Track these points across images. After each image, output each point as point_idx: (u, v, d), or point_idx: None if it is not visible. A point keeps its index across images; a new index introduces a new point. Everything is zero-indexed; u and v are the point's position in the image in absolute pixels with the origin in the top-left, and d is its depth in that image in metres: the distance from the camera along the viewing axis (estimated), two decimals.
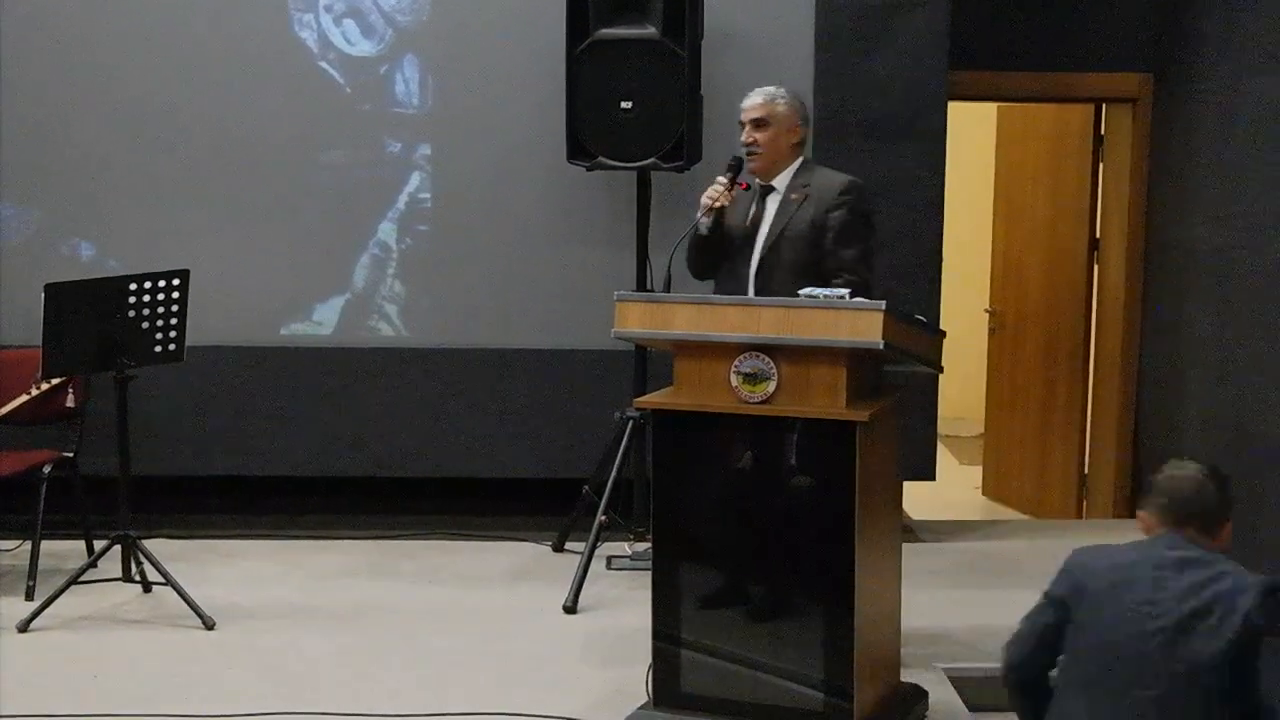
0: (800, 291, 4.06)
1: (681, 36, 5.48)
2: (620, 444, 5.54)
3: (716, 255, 4.64)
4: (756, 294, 4.50)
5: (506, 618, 5.06)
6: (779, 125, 4.61)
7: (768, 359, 3.90)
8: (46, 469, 5.38)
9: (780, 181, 4.62)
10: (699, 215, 4.57)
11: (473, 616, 5.05)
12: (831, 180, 4.61)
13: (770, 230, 4.58)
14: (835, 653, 3.87)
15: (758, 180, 4.64)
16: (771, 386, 3.91)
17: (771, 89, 4.66)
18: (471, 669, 4.64)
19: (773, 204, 4.61)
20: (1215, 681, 3.15)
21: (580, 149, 5.61)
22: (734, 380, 3.93)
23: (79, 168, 6.04)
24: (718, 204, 4.53)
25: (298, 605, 5.23)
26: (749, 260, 4.57)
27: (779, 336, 3.88)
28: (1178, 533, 3.36)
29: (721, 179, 4.56)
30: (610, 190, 5.91)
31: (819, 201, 4.55)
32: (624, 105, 5.51)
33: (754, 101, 4.63)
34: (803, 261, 4.49)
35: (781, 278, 4.47)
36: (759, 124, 4.60)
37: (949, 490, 7.40)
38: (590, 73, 5.53)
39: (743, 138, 4.63)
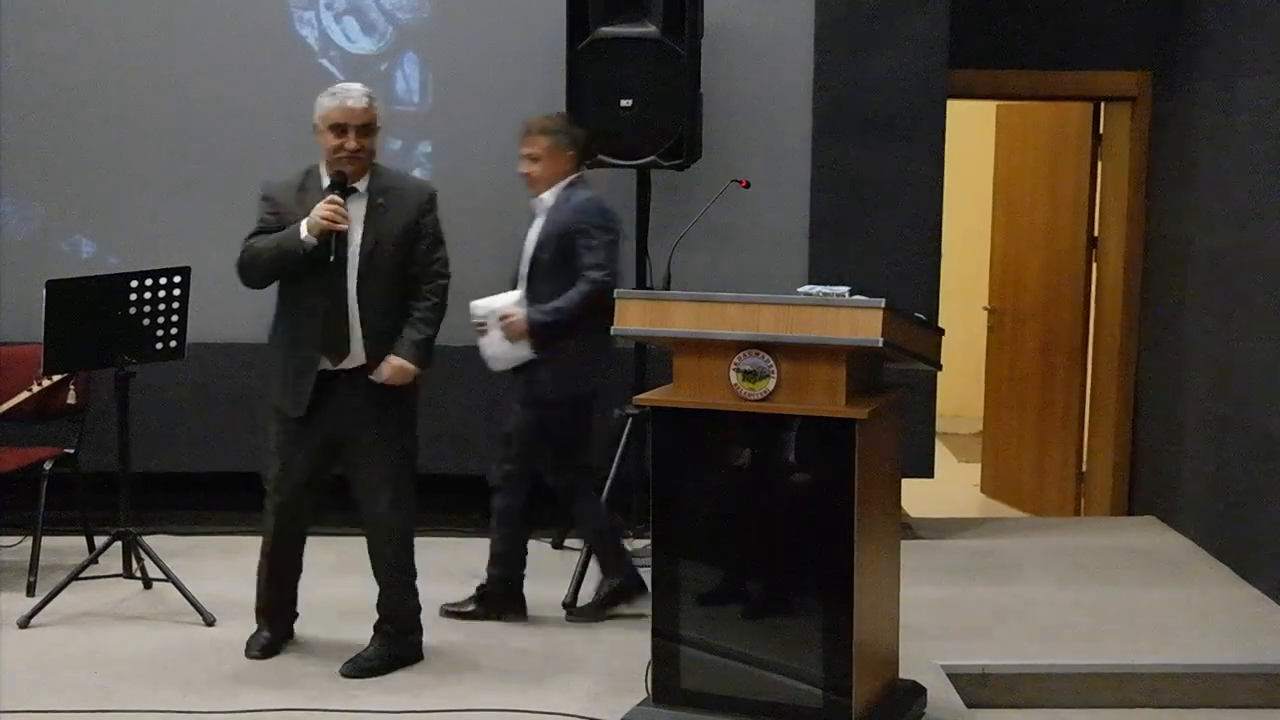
0: (799, 289, 4.07)
1: (681, 35, 5.49)
2: (620, 441, 5.55)
3: (295, 269, 4.46)
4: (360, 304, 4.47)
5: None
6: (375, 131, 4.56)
7: (767, 356, 3.91)
8: (47, 465, 5.39)
9: (361, 185, 4.52)
10: (306, 235, 4.38)
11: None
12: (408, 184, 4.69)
13: (364, 239, 4.49)
14: (834, 649, 3.88)
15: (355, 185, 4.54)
16: (771, 384, 3.91)
17: (368, 90, 4.56)
18: (470, 666, 4.65)
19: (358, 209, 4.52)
20: None
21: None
22: (733, 378, 3.94)
23: (80, 164, 6.05)
24: (341, 227, 4.39)
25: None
26: (345, 270, 4.46)
27: (778, 334, 3.89)
28: None
29: (335, 199, 4.39)
30: (610, 188, 5.90)
31: (402, 209, 4.54)
32: (624, 103, 5.51)
33: (362, 105, 4.49)
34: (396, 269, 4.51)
35: (375, 285, 4.47)
36: (368, 130, 4.48)
37: (947, 488, 7.41)
38: (590, 71, 5.54)
39: (348, 144, 4.45)
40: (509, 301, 4.89)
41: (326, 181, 4.50)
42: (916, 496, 6.08)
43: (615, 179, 5.82)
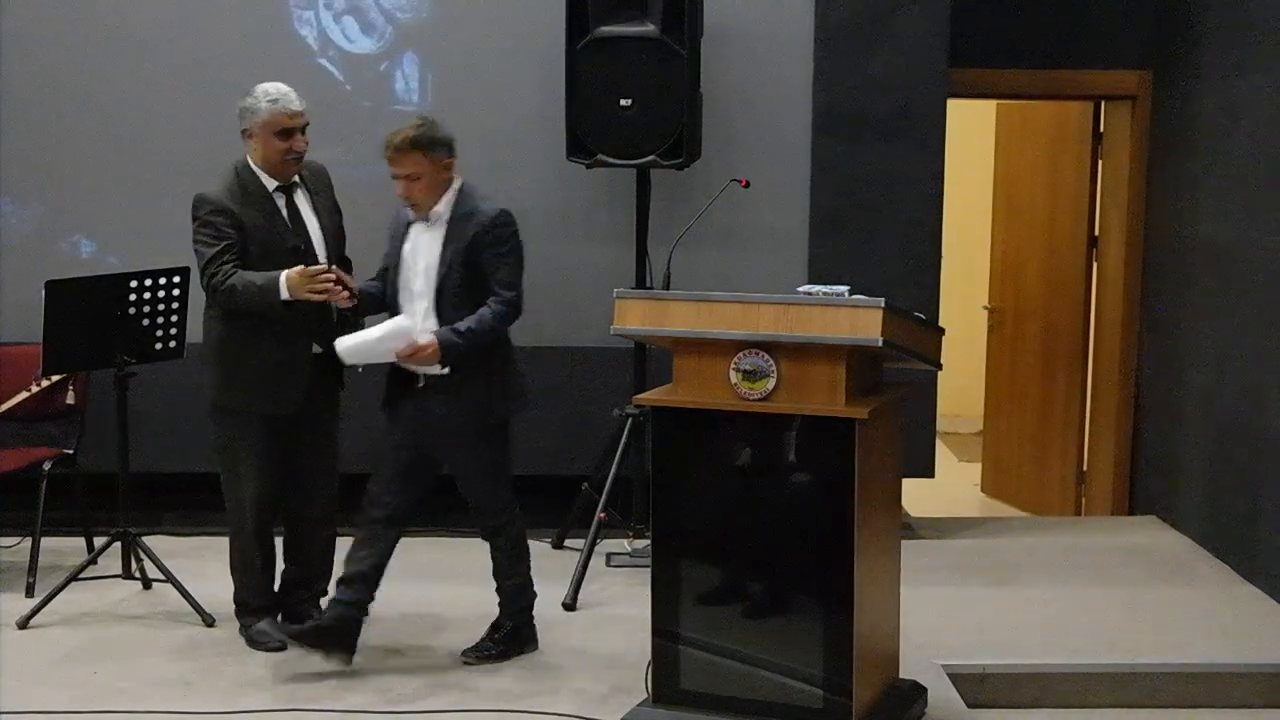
0: (799, 289, 4.07)
1: (681, 34, 5.48)
2: (620, 441, 5.55)
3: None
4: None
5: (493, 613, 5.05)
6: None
7: (767, 356, 3.90)
8: (47, 466, 5.38)
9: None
10: (285, 295, 4.46)
11: (472, 613, 5.04)
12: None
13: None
14: (834, 650, 3.87)
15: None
16: (771, 384, 3.91)
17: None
18: (470, 666, 4.64)
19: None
20: None
21: (580, 146, 5.61)
22: (733, 377, 3.94)
23: (80, 164, 6.04)
24: (346, 306, 4.54)
25: None
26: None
27: (778, 334, 3.88)
28: None
29: (327, 276, 4.48)
30: (610, 187, 5.91)
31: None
32: (623, 102, 5.51)
33: (303, 107, 4.64)
34: None
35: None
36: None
37: (948, 487, 7.41)
38: (590, 70, 5.53)
39: (298, 145, 4.61)
40: (398, 328, 4.45)
41: (270, 183, 4.63)
42: (917, 496, 6.07)
43: (615, 178, 5.82)
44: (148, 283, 5.07)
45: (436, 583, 5.42)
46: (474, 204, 4.50)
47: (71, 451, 5.51)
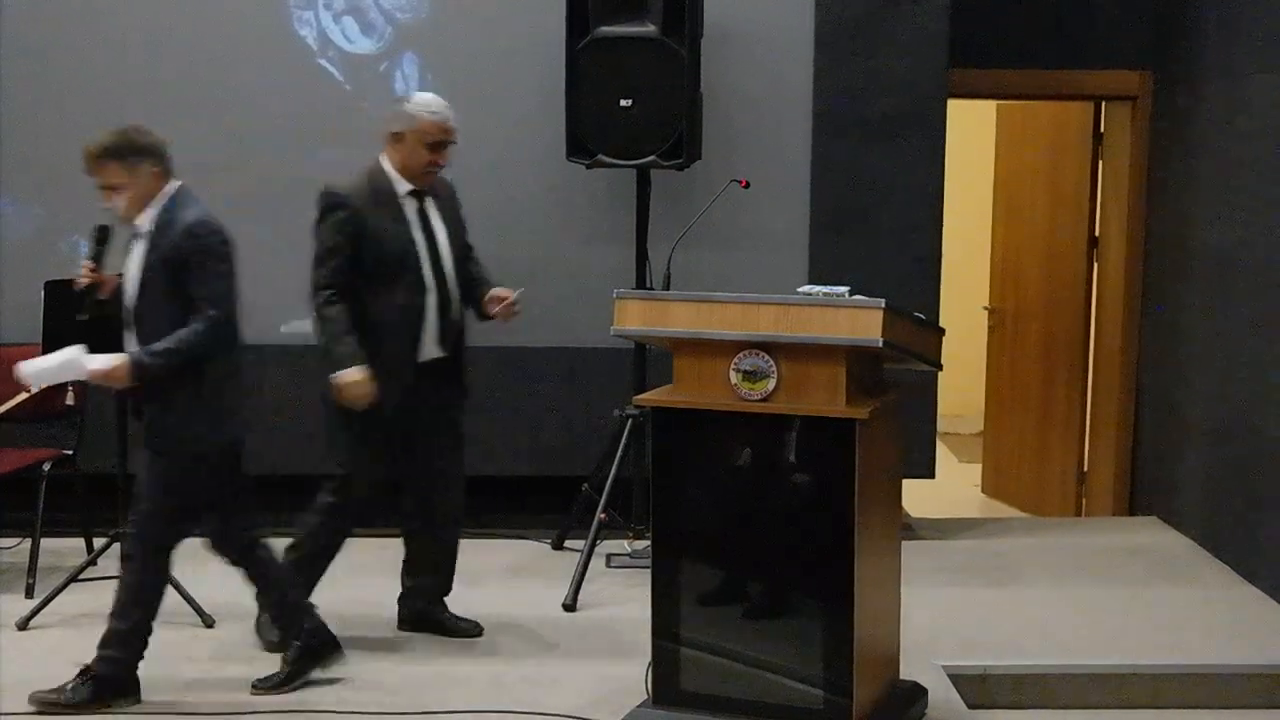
0: (798, 289, 4.07)
1: (681, 34, 5.48)
2: (620, 442, 5.54)
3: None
4: None
5: (506, 615, 5.05)
6: None
7: (767, 356, 3.90)
8: (46, 467, 5.38)
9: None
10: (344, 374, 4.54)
11: (471, 614, 5.05)
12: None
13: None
14: (834, 650, 3.87)
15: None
16: (771, 384, 3.90)
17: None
18: (470, 666, 4.64)
19: None
20: None
21: (580, 146, 5.61)
22: (733, 378, 3.93)
23: (79, 165, 6.02)
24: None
25: None
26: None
27: (778, 334, 3.88)
28: None
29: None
30: (610, 188, 5.91)
31: None
32: (624, 103, 5.50)
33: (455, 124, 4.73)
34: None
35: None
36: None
37: (948, 488, 7.40)
38: (590, 70, 5.53)
39: (441, 160, 4.68)
40: (69, 356, 4.24)
41: (406, 187, 4.64)
42: (917, 497, 6.07)
43: (615, 178, 5.81)
44: None
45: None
46: (178, 213, 4.19)
47: (71, 452, 5.50)
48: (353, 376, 4.52)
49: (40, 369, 4.34)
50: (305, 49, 6.05)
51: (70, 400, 5.52)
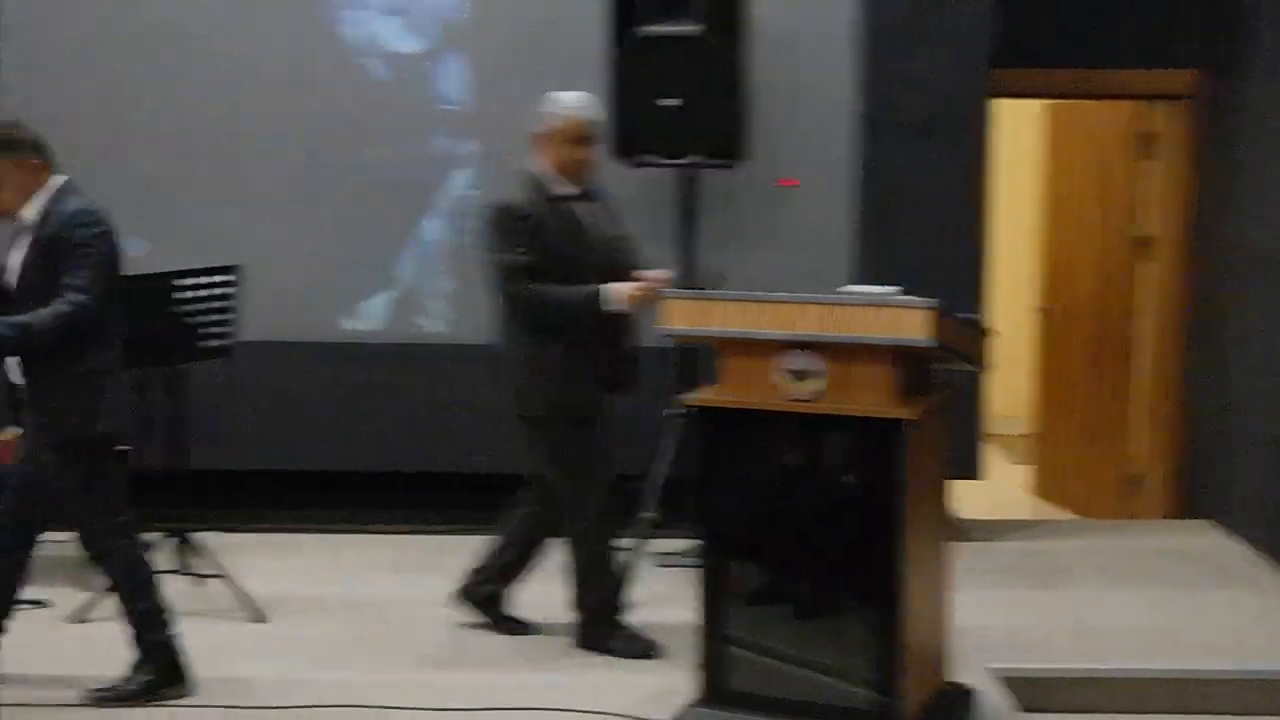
0: (844, 288, 4.05)
1: (726, 33, 5.47)
2: (669, 441, 5.53)
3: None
4: None
5: (555, 613, 5.05)
6: None
7: (815, 356, 3.88)
8: None
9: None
10: (613, 304, 4.56)
11: (522, 612, 5.05)
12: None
13: None
14: (883, 651, 3.84)
15: None
16: (818, 384, 3.89)
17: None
18: (520, 664, 4.65)
19: None
20: None
21: (626, 146, 5.60)
22: (780, 377, 3.92)
23: (128, 165, 6.09)
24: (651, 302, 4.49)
25: (349, 599, 5.26)
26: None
27: (826, 333, 3.86)
28: None
29: (648, 281, 4.56)
30: (656, 187, 5.90)
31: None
32: (669, 103, 5.49)
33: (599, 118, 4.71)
34: None
35: None
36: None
37: (997, 489, 7.35)
38: (635, 70, 5.53)
39: (591, 155, 4.65)
40: None
41: (568, 190, 4.62)
42: (966, 498, 6.03)
43: (660, 179, 5.81)
44: (198, 282, 5.10)
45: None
46: (59, 205, 4.18)
47: (128, 449, 5.52)
48: (617, 289, 4.51)
49: None
50: (350, 49, 6.08)
51: None
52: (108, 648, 4.71)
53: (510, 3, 6.06)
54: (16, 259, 4.22)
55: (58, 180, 4.25)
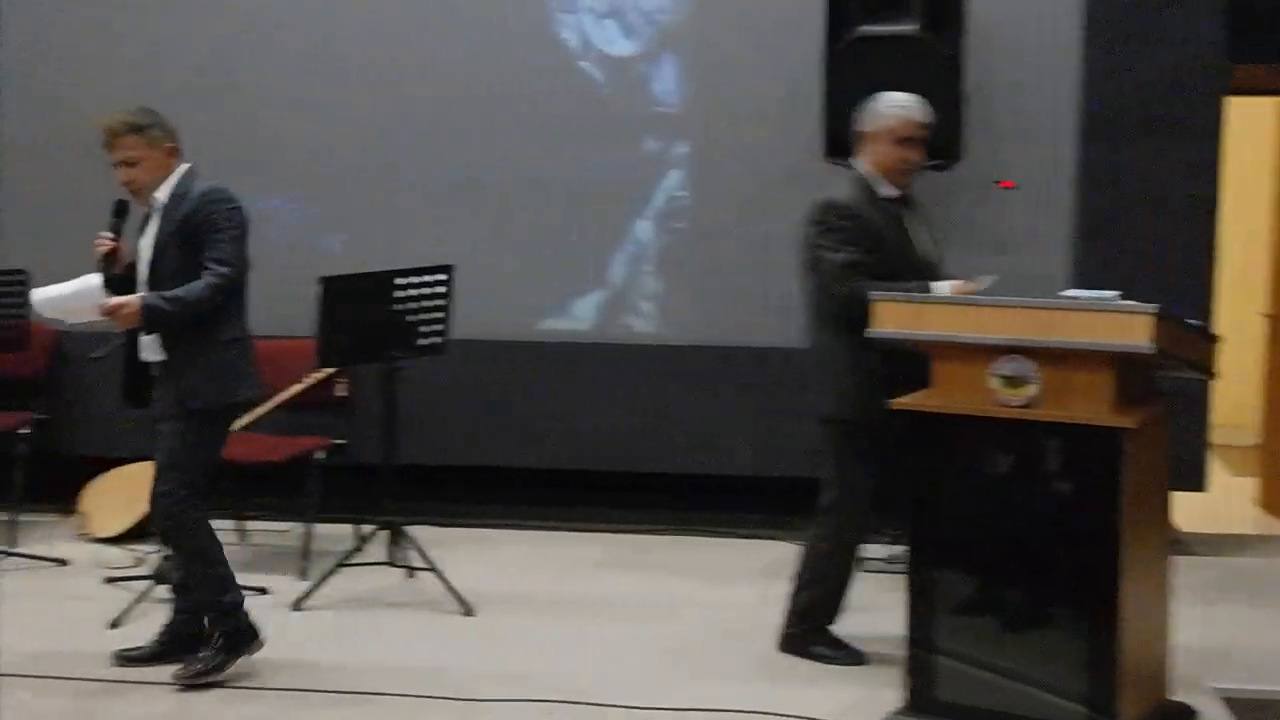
0: (1062, 293, 3.93)
1: (943, 33, 5.38)
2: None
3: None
4: None
5: (760, 616, 5.03)
6: None
7: (1029, 361, 3.78)
8: (320, 455, 5.60)
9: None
10: (948, 293, 4.38)
11: (726, 614, 5.06)
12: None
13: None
14: (1098, 666, 3.73)
15: None
16: (1033, 390, 3.79)
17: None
18: (724, 666, 4.64)
19: None
20: None
21: (839, 147, 5.54)
22: (993, 383, 3.83)
23: (345, 166, 6.27)
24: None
25: (555, 595, 5.34)
26: None
27: (1041, 338, 3.76)
28: None
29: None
30: None
31: None
32: None
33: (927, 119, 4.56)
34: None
35: None
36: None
37: (1222, 502, 7.06)
38: (850, 70, 5.47)
39: (915, 156, 4.52)
40: (88, 283, 4.38)
41: (892, 191, 4.55)
42: (1189, 511, 5.82)
43: None
44: (415, 280, 5.22)
45: (691, 580, 5.43)
46: (190, 186, 4.35)
47: (344, 442, 5.71)
48: (945, 288, 4.41)
49: (51, 297, 4.50)
50: (567, 51, 6.17)
51: (343, 391, 5.75)
52: (333, 633, 4.88)
53: (725, 3, 6.07)
54: (148, 241, 4.38)
55: (183, 166, 4.42)
